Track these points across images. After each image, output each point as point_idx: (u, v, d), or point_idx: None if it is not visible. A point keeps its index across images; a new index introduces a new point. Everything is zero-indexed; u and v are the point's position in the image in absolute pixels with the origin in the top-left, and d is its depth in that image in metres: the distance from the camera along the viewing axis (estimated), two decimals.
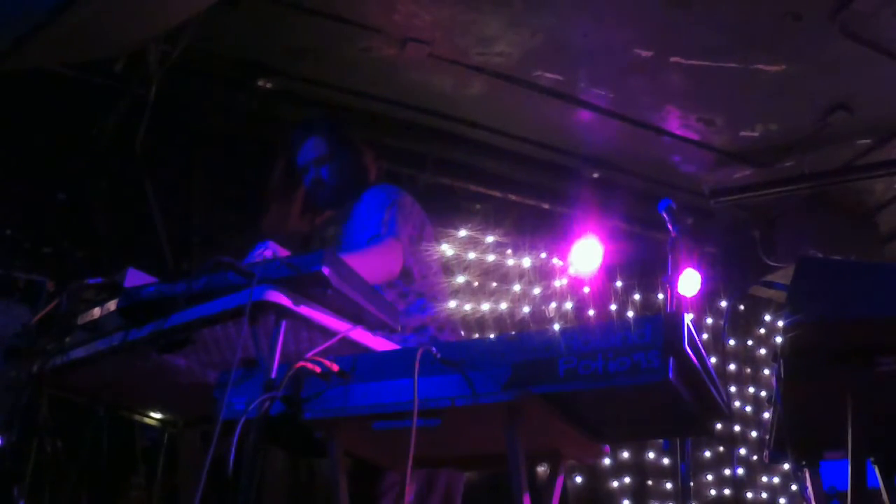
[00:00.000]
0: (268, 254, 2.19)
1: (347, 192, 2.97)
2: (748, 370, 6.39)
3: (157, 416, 2.77)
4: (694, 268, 4.71)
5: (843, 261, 3.61)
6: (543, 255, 5.58)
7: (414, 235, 2.83)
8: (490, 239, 5.30)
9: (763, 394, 6.35)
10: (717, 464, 6.03)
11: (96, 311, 2.30)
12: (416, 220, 2.87)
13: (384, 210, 2.78)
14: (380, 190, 2.91)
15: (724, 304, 5.95)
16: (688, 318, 1.58)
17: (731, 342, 6.27)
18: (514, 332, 4.54)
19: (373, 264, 2.52)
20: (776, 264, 5.74)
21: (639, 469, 5.71)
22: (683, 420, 1.81)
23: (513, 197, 5.50)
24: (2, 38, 3.21)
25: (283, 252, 2.27)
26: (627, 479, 5.63)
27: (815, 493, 2.37)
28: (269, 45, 4.45)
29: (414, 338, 2.73)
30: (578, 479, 5.49)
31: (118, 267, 2.31)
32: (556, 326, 5.26)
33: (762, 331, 6.55)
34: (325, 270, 1.89)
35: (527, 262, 5.50)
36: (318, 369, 1.80)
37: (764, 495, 6.16)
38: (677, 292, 3.37)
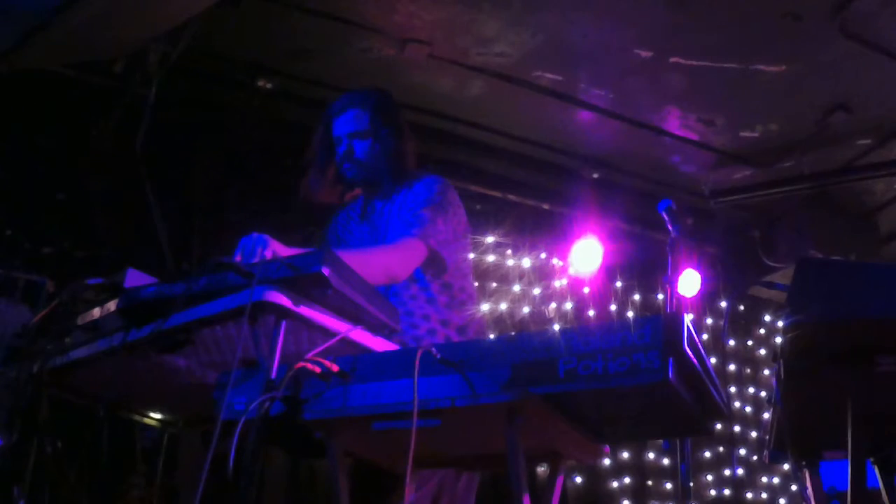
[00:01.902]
0: (267, 254, 2.18)
1: (378, 173, 2.85)
2: (748, 370, 6.40)
3: (157, 416, 2.77)
4: (694, 268, 4.71)
5: (843, 261, 3.61)
6: (543, 255, 5.58)
7: (459, 231, 2.78)
8: (490, 239, 5.31)
9: (763, 394, 6.35)
10: (717, 464, 6.03)
11: (96, 312, 2.29)
12: (461, 216, 2.82)
13: (428, 206, 2.69)
14: (433, 182, 2.80)
15: (724, 304, 5.96)
16: (688, 318, 1.58)
17: (731, 342, 6.27)
18: (513, 333, 4.55)
19: (385, 261, 2.49)
20: (776, 264, 5.74)
21: (639, 469, 5.71)
22: (683, 420, 1.81)
23: (513, 197, 5.50)
24: (3, 37, 3.21)
25: (281, 248, 2.24)
26: (627, 480, 5.63)
27: (815, 493, 2.37)
28: (269, 45, 4.46)
29: (457, 337, 2.68)
30: (578, 480, 5.50)
31: (118, 267, 2.30)
32: (556, 327, 5.28)
33: (762, 331, 6.56)
34: (326, 271, 1.89)
35: (527, 262, 5.50)
36: (317, 370, 1.80)
37: (764, 495, 6.16)
38: (677, 292, 3.38)
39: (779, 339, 1.98)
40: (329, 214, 3.07)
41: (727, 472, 6.04)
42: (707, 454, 6.01)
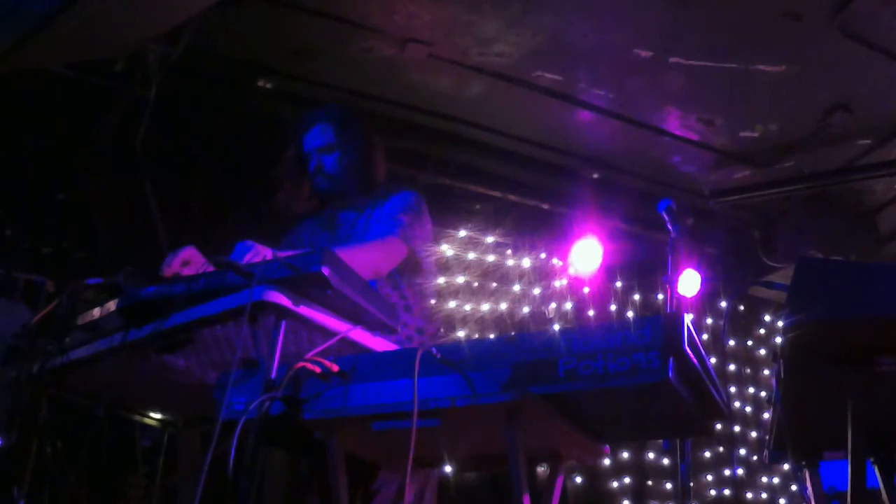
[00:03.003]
0: (268, 254, 2.19)
1: (349, 186, 2.94)
2: (748, 370, 6.40)
3: (157, 416, 2.77)
4: (694, 268, 4.71)
5: (843, 261, 3.61)
6: (543, 255, 5.58)
7: (429, 241, 2.87)
8: (490, 239, 5.31)
9: (763, 394, 6.35)
10: (717, 464, 6.03)
11: (96, 311, 2.30)
12: (430, 231, 2.92)
13: (406, 213, 2.79)
14: (410, 194, 2.91)
15: (723, 304, 5.96)
16: (688, 318, 1.58)
17: (731, 342, 6.27)
18: (514, 333, 4.55)
19: (370, 257, 2.55)
20: (776, 264, 5.74)
21: (639, 469, 5.71)
22: (683, 420, 1.81)
23: (513, 197, 5.50)
24: (2, 38, 3.21)
25: (267, 250, 2.26)
26: (627, 480, 5.63)
27: (815, 493, 2.37)
28: (269, 45, 4.45)
29: (419, 338, 2.76)
30: (578, 480, 5.50)
31: (118, 267, 2.31)
32: (556, 327, 5.28)
33: (762, 331, 6.56)
34: (325, 271, 1.89)
35: (527, 262, 5.50)
36: (317, 370, 1.80)
37: (764, 495, 6.16)
38: (677, 292, 3.38)
39: (779, 339, 1.98)
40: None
41: (727, 472, 6.04)
42: (707, 454, 6.01)
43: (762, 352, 6.48)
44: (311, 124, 2.99)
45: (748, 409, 6.31)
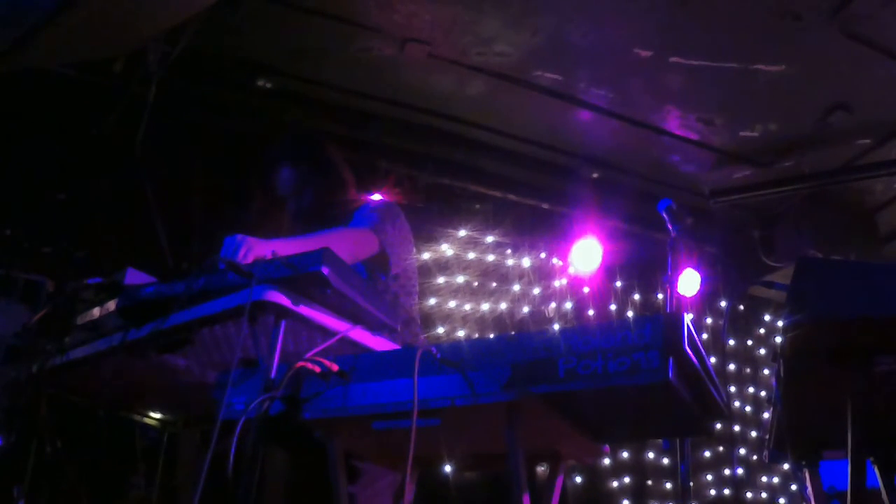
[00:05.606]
0: (260, 247, 2.18)
1: (333, 207, 3.01)
2: (748, 370, 6.40)
3: (157, 416, 2.78)
4: (694, 268, 4.72)
5: (843, 261, 3.61)
6: (543, 255, 5.58)
7: (406, 248, 2.90)
8: (490, 239, 5.31)
9: (763, 394, 6.35)
10: (717, 464, 6.03)
11: (96, 311, 2.30)
12: (407, 235, 2.95)
13: (377, 212, 2.87)
14: (381, 201, 3.02)
15: (723, 304, 5.95)
16: (688, 318, 1.58)
17: (731, 342, 6.27)
18: (513, 332, 4.54)
19: (342, 242, 2.55)
20: (776, 264, 5.74)
21: (639, 469, 5.71)
22: (683, 420, 1.81)
23: (513, 197, 5.50)
24: (2, 38, 3.21)
25: (260, 244, 2.25)
26: (627, 479, 5.63)
27: (815, 493, 2.37)
28: (269, 45, 4.46)
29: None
30: (578, 479, 5.49)
31: (118, 267, 2.30)
32: (556, 326, 5.28)
33: (762, 331, 6.56)
34: (325, 270, 1.89)
35: (527, 262, 5.50)
36: (317, 369, 1.80)
37: (764, 495, 6.16)
38: (677, 292, 3.38)
39: (779, 339, 1.98)
40: None
41: (727, 472, 6.04)
42: (707, 454, 6.01)
43: (762, 352, 6.47)
44: (276, 170, 3.05)
45: (748, 408, 6.31)
